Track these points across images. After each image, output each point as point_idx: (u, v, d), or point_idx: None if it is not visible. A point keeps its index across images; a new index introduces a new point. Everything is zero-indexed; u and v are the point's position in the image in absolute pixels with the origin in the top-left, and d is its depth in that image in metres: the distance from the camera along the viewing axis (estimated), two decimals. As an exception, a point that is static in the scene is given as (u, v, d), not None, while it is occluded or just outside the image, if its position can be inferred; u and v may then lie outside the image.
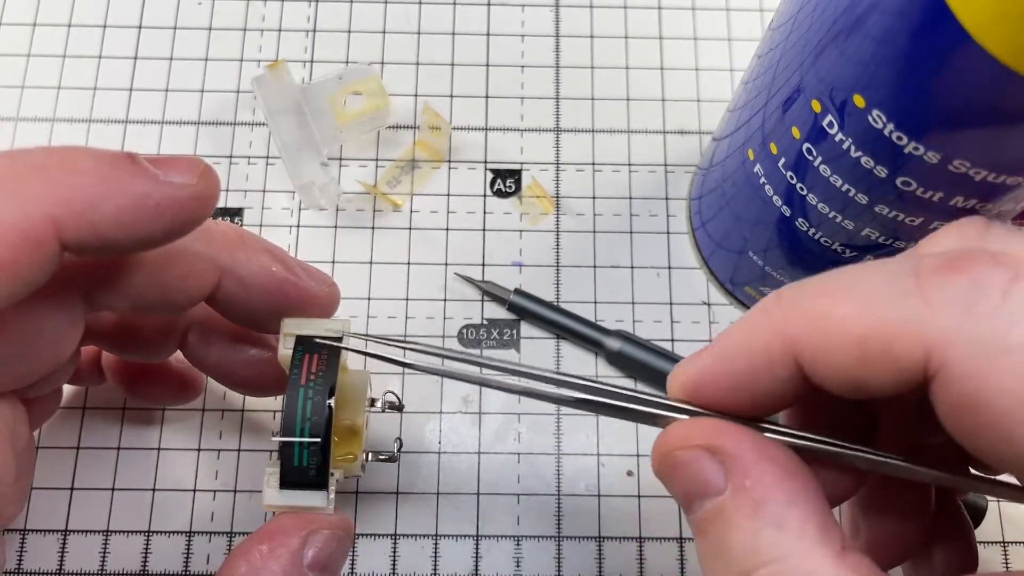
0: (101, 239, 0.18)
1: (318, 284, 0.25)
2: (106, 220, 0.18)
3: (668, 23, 0.38)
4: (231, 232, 0.24)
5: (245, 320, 0.25)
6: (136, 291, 0.22)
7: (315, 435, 0.22)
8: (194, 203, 0.20)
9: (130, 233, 0.19)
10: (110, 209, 0.18)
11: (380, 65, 0.37)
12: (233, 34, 0.37)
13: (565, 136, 0.36)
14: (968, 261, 0.15)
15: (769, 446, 0.17)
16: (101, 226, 0.18)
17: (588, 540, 0.31)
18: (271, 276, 0.24)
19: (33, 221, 0.17)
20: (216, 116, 0.36)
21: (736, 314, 0.34)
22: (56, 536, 0.30)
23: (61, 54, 0.37)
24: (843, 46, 0.20)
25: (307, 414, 0.23)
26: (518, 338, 0.33)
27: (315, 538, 0.22)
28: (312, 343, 0.23)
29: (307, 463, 0.23)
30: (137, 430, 0.32)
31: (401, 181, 0.35)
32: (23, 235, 0.17)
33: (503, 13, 0.38)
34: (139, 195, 0.19)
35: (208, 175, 0.20)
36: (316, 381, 0.23)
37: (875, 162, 0.21)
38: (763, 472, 0.17)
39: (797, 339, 0.17)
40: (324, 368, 0.23)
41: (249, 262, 0.23)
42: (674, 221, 0.35)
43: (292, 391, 0.23)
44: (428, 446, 0.32)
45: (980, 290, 0.15)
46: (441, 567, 0.30)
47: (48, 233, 0.18)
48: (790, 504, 0.16)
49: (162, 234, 0.20)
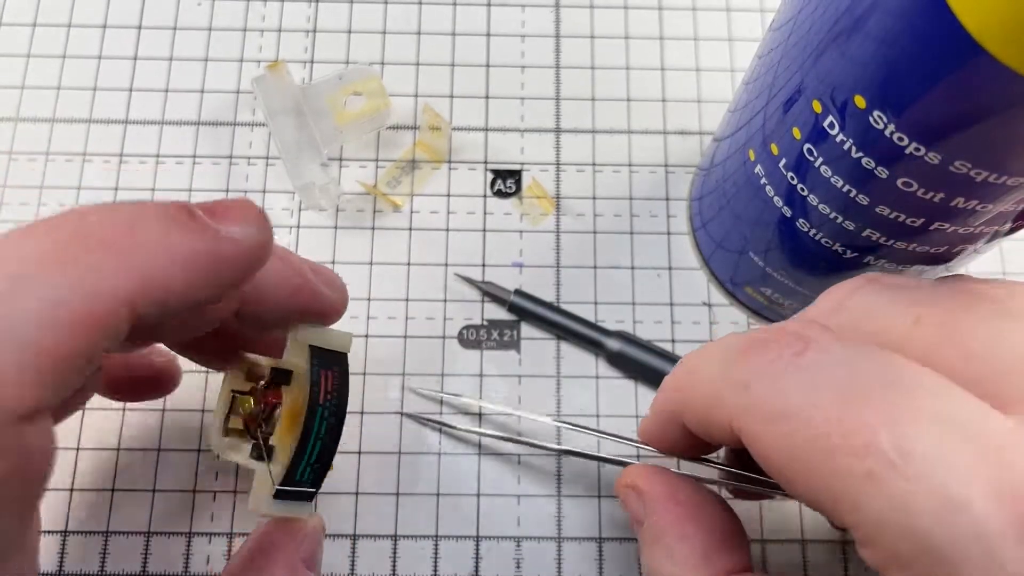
0: (165, 310, 0.18)
1: (330, 288, 0.24)
2: (176, 293, 0.18)
3: (668, 23, 0.38)
4: None
5: (256, 327, 0.24)
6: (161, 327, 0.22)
7: (323, 455, 0.22)
8: (252, 256, 0.19)
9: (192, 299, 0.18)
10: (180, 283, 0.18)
11: (380, 65, 0.37)
12: (233, 34, 0.37)
13: (565, 136, 0.36)
14: (766, 342, 0.19)
15: (678, 487, 0.23)
16: (169, 300, 0.18)
17: (588, 541, 0.31)
18: (286, 283, 0.23)
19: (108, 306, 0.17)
20: (216, 116, 0.36)
21: (737, 314, 0.34)
22: (56, 537, 0.30)
23: (61, 54, 0.37)
24: (844, 47, 0.20)
25: (321, 434, 0.22)
26: (518, 339, 0.33)
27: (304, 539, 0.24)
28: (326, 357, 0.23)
29: (306, 479, 0.23)
30: (137, 430, 0.32)
31: (401, 181, 0.35)
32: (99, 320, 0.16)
33: (503, 13, 0.38)
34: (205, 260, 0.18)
35: (262, 221, 0.20)
36: (331, 401, 0.23)
37: (876, 163, 0.21)
38: (664, 511, 0.22)
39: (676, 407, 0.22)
40: (338, 387, 0.23)
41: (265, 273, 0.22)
42: (674, 221, 0.35)
43: (311, 409, 0.22)
44: (428, 447, 0.32)
45: (768, 367, 0.18)
46: (441, 568, 0.30)
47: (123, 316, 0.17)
48: (680, 538, 0.22)
49: (221, 292, 0.19)
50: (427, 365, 0.33)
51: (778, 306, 0.32)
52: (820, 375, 0.18)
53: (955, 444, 0.16)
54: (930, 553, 0.16)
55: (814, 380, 0.18)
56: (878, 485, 0.16)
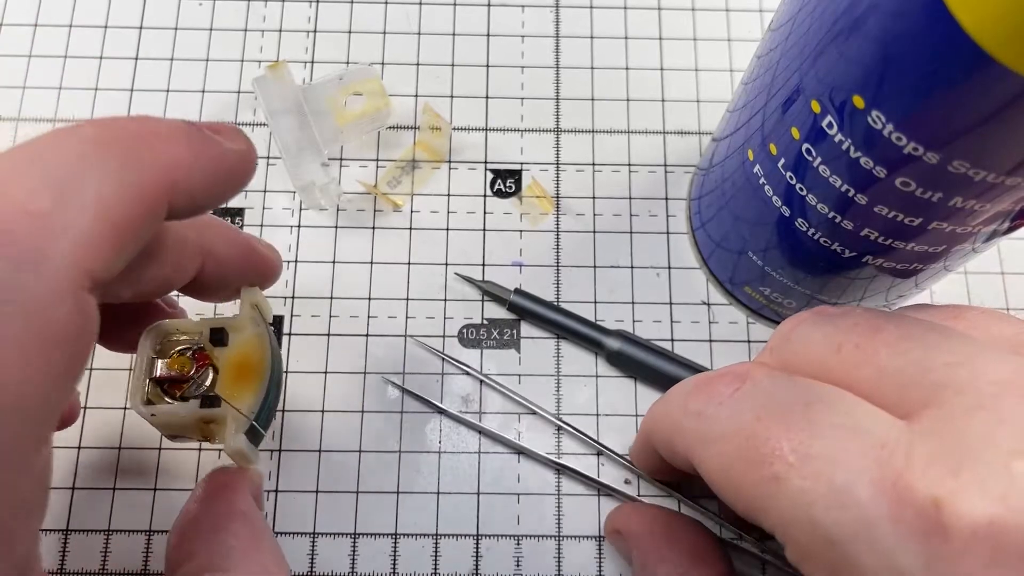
0: (193, 204, 0.20)
1: (270, 251, 0.27)
2: (199, 185, 0.20)
3: (668, 24, 0.38)
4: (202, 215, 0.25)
5: (213, 294, 0.26)
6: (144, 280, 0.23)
7: (276, 401, 0.26)
8: (247, 165, 0.22)
9: (211, 196, 0.21)
10: (202, 175, 0.20)
11: (380, 65, 0.37)
12: (234, 35, 0.37)
13: (565, 136, 0.36)
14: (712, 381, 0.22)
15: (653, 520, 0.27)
16: (195, 192, 0.20)
17: (588, 540, 0.31)
18: (238, 248, 0.25)
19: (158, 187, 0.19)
20: (217, 116, 0.36)
21: (736, 314, 0.34)
22: (57, 536, 0.30)
23: (62, 55, 0.37)
24: (842, 47, 0.20)
25: (276, 379, 0.26)
26: (518, 338, 0.33)
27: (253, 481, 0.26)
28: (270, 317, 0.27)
29: (262, 422, 0.25)
30: (138, 430, 0.32)
31: (401, 181, 0.35)
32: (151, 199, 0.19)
33: (503, 14, 0.38)
34: (217, 160, 0.20)
35: (249, 141, 0.22)
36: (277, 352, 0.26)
37: (874, 163, 0.21)
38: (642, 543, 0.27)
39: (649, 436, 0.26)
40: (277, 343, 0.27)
41: (219, 239, 0.25)
42: (674, 221, 0.35)
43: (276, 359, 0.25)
44: (428, 446, 0.32)
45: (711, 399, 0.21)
46: (441, 566, 0.30)
47: (163, 201, 0.19)
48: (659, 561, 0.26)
49: (228, 197, 0.22)
50: (427, 364, 0.33)
51: (777, 305, 0.32)
52: (747, 403, 0.21)
53: (846, 444, 0.18)
54: (827, 542, 0.18)
55: (741, 408, 0.21)
56: (782, 486, 0.19)
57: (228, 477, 0.25)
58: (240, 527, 0.24)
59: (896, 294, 0.29)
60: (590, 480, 0.31)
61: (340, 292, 0.34)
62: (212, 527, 0.24)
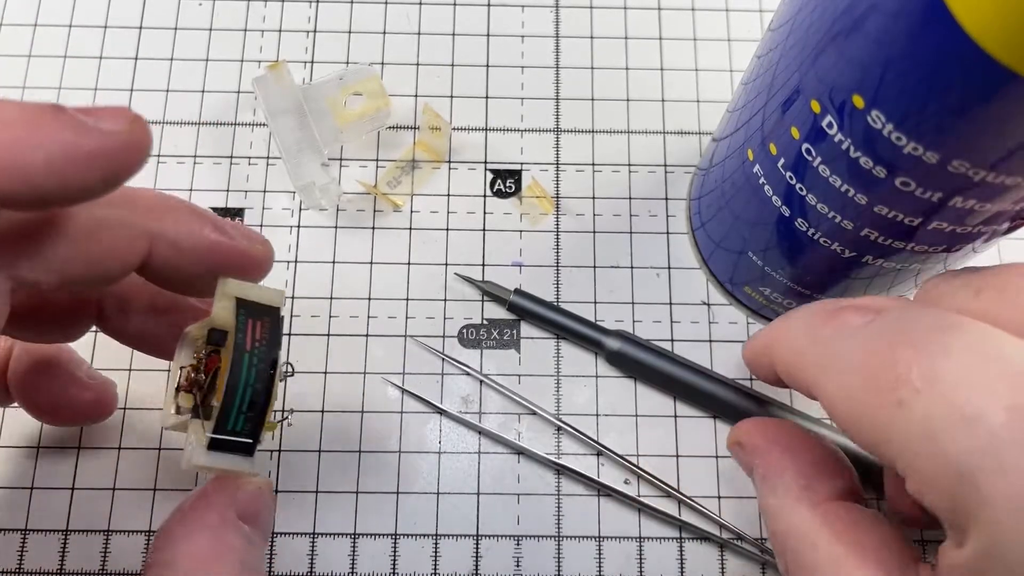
0: (33, 189, 0.18)
1: (251, 242, 0.24)
2: (37, 169, 0.18)
3: (668, 24, 0.38)
4: (157, 198, 0.23)
5: (180, 286, 0.24)
6: (63, 263, 0.21)
7: (255, 403, 0.22)
8: (125, 151, 0.19)
9: (62, 182, 0.18)
10: (40, 157, 0.18)
11: (380, 65, 0.37)
12: (234, 35, 0.37)
13: (565, 136, 0.36)
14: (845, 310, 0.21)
15: (779, 433, 0.25)
16: (32, 176, 0.18)
17: (588, 540, 0.31)
18: (203, 238, 0.23)
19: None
20: (217, 116, 0.36)
21: (736, 314, 0.34)
22: (57, 536, 0.30)
23: (62, 55, 0.37)
24: (842, 47, 0.20)
25: (251, 380, 0.22)
26: (518, 338, 0.33)
27: (242, 495, 0.23)
28: (254, 308, 0.23)
29: (241, 427, 0.22)
30: (138, 429, 0.32)
31: (401, 181, 0.35)
32: None
33: (503, 14, 0.38)
34: (69, 143, 0.18)
35: (138, 123, 0.20)
36: (260, 348, 0.22)
37: (874, 162, 0.21)
38: (764, 454, 0.25)
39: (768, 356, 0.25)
40: (268, 335, 0.23)
41: (178, 225, 0.23)
42: (674, 221, 0.35)
43: (237, 355, 0.22)
44: (428, 446, 0.32)
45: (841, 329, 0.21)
46: (441, 567, 0.30)
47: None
48: (780, 472, 0.24)
49: (95, 183, 0.19)
50: (427, 365, 0.33)
51: (776, 305, 0.32)
52: (879, 333, 0.20)
53: (977, 368, 0.17)
54: (951, 468, 0.17)
55: (872, 337, 0.20)
56: (906, 411, 0.18)
57: (209, 486, 0.24)
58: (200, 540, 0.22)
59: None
60: (590, 480, 0.31)
61: (340, 292, 0.34)
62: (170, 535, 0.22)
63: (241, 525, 0.23)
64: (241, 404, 0.22)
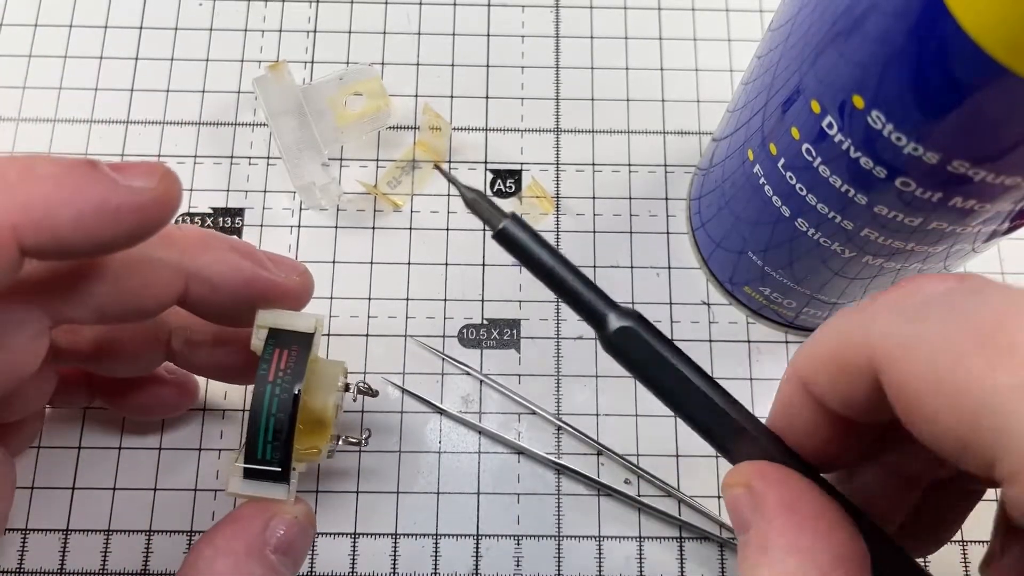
0: (60, 244, 0.19)
1: (288, 274, 0.25)
2: (65, 225, 0.19)
3: (668, 24, 0.38)
4: (194, 234, 0.24)
5: (220, 318, 0.25)
6: (99, 300, 0.22)
7: (279, 431, 0.23)
8: (154, 207, 0.20)
9: (90, 237, 0.19)
10: (69, 214, 0.18)
11: (380, 66, 0.37)
12: (234, 35, 0.37)
13: (565, 136, 0.36)
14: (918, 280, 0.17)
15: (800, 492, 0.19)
16: (61, 231, 0.18)
17: (588, 540, 0.31)
18: (239, 273, 0.24)
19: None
20: (217, 117, 0.36)
21: (736, 314, 0.34)
22: (57, 536, 0.30)
23: (62, 55, 0.37)
24: (842, 47, 0.20)
25: (273, 410, 0.23)
26: (518, 338, 0.33)
27: (276, 523, 0.23)
28: (284, 336, 0.24)
29: (270, 456, 0.23)
30: (138, 430, 0.32)
31: (401, 181, 0.35)
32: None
33: (503, 14, 0.38)
34: (98, 200, 0.19)
35: (168, 179, 0.20)
36: (284, 378, 0.23)
37: (874, 163, 0.21)
38: (775, 518, 0.19)
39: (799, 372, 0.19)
40: (293, 364, 0.23)
41: (215, 263, 0.23)
42: (674, 221, 0.35)
43: (259, 386, 0.23)
44: (428, 446, 0.32)
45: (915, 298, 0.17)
46: (441, 566, 0.30)
47: (7, 239, 0.18)
48: (792, 551, 0.18)
49: (123, 238, 0.20)
50: (427, 364, 0.33)
51: (777, 305, 0.32)
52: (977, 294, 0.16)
53: None
54: None
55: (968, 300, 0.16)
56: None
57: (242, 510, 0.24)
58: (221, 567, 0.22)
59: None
60: (590, 480, 0.31)
61: (340, 292, 0.34)
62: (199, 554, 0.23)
63: (268, 555, 0.23)
64: (266, 434, 0.23)
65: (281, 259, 0.25)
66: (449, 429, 0.32)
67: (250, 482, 0.23)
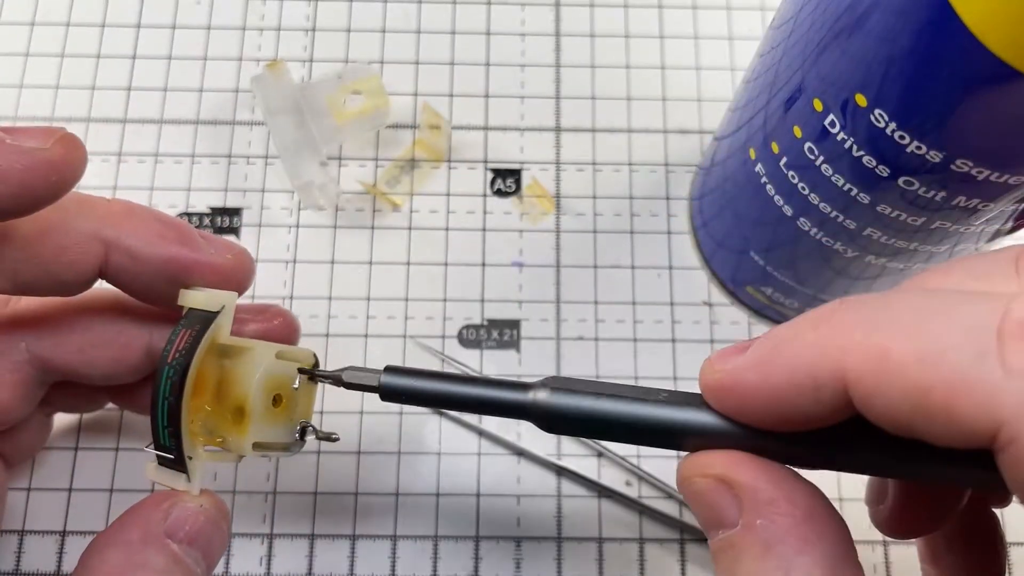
0: None
1: (220, 252, 0.24)
2: None
3: (669, 22, 0.38)
4: (118, 205, 0.23)
5: (148, 296, 0.24)
6: (11, 266, 0.21)
7: (172, 419, 0.21)
8: (47, 168, 0.19)
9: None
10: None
11: (380, 64, 0.37)
12: (232, 33, 0.37)
13: (565, 135, 0.36)
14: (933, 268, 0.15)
15: (790, 484, 0.17)
16: None
17: (588, 542, 0.31)
18: (161, 245, 0.23)
19: None
20: (215, 115, 0.36)
21: (737, 314, 0.34)
22: (55, 537, 0.30)
23: (59, 53, 0.37)
24: (845, 45, 0.20)
25: (167, 394, 0.21)
26: (518, 338, 0.33)
27: (177, 511, 0.22)
28: (193, 316, 0.22)
29: (168, 443, 0.22)
30: (137, 430, 0.32)
31: (401, 181, 0.35)
32: None
33: (503, 12, 0.38)
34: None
35: (66, 142, 0.20)
36: (178, 359, 0.22)
37: (877, 161, 0.21)
38: (776, 513, 0.17)
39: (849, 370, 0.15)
40: (189, 344, 0.22)
41: (136, 232, 0.22)
42: (675, 221, 0.35)
43: (159, 367, 0.22)
44: (428, 447, 0.32)
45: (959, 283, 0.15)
46: (441, 569, 0.30)
47: None
48: (799, 550, 0.16)
49: (9, 199, 0.19)
50: (427, 364, 0.33)
51: (779, 305, 0.32)
52: None
53: None
54: None
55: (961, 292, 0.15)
56: None
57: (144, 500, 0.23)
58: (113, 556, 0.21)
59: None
60: (590, 482, 0.31)
61: (339, 292, 0.33)
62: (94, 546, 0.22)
63: (168, 544, 0.21)
64: (163, 420, 0.22)
65: (215, 238, 0.24)
66: (449, 430, 0.32)
67: (162, 469, 0.22)
